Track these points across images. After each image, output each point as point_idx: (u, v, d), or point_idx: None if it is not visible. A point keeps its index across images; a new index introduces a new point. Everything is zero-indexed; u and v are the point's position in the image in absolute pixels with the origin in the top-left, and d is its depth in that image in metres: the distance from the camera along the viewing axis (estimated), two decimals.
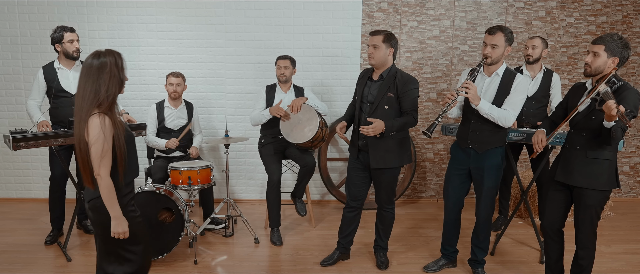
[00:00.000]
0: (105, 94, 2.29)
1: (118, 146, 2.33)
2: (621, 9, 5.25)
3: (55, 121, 4.08)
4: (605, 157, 2.81)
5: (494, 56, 3.16)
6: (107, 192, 2.31)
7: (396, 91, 3.31)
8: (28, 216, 4.91)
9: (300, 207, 4.50)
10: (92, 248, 4.09)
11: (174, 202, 3.68)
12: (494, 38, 3.13)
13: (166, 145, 4.31)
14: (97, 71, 2.29)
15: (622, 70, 5.32)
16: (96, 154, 2.27)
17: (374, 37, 3.31)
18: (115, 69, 2.34)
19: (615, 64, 2.77)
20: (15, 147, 3.47)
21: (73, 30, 4.03)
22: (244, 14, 5.14)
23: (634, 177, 5.57)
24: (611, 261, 3.87)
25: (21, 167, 5.36)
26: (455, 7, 5.21)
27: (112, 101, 2.34)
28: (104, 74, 2.30)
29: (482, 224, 3.45)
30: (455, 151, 3.46)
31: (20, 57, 5.15)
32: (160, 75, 5.11)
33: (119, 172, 2.37)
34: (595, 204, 2.86)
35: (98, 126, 2.26)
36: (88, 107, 2.28)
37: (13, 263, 3.77)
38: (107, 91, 2.30)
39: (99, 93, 2.28)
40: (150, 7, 5.09)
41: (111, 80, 2.32)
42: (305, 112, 4.16)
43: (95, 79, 2.29)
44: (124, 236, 2.39)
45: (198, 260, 3.83)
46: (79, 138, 2.30)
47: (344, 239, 3.79)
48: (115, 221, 2.35)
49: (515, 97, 3.15)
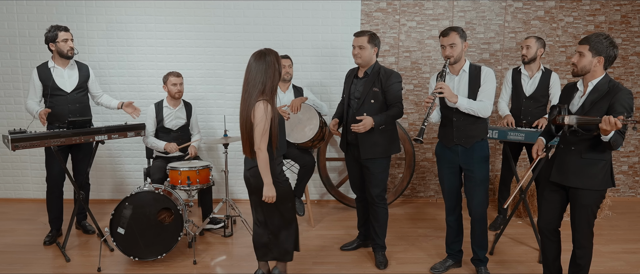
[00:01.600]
0: (270, 86, 2.86)
1: (273, 127, 2.87)
2: (620, 9, 5.25)
3: (52, 120, 4.05)
4: (601, 158, 2.82)
5: (455, 55, 3.29)
6: (264, 163, 2.85)
7: (381, 85, 3.54)
8: (26, 216, 4.90)
9: (299, 207, 4.52)
10: (91, 248, 4.09)
11: (173, 203, 3.67)
12: (450, 38, 3.28)
13: (165, 147, 4.31)
14: (265, 66, 2.85)
15: (621, 69, 5.33)
16: (259, 132, 2.82)
17: (359, 39, 3.54)
18: (278, 65, 2.90)
19: (601, 63, 2.78)
20: (14, 147, 3.47)
21: (67, 29, 4.02)
22: (243, 13, 5.13)
23: (633, 177, 5.58)
24: (610, 260, 3.87)
25: (20, 168, 5.35)
26: (454, 7, 5.22)
27: (273, 91, 2.89)
28: (269, 69, 2.85)
29: (477, 221, 3.47)
30: (442, 151, 3.50)
31: (19, 57, 5.14)
32: (159, 75, 5.10)
33: (273, 147, 2.91)
34: (591, 203, 2.87)
35: (263, 110, 2.81)
36: (256, 95, 2.83)
37: (12, 263, 3.77)
38: (272, 83, 2.86)
39: (265, 85, 2.84)
40: (149, 7, 5.08)
41: (274, 74, 2.87)
42: (305, 112, 4.17)
43: (263, 73, 2.84)
44: (272, 200, 2.92)
45: (197, 260, 3.83)
46: (244, 119, 2.88)
47: (362, 227, 4.07)
48: (267, 187, 2.89)
49: (486, 87, 3.29)
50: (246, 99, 2.88)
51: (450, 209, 3.57)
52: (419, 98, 5.36)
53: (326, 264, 3.79)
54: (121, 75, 5.18)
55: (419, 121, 5.40)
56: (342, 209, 5.23)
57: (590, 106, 2.82)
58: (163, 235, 3.66)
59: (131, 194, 3.60)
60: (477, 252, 3.55)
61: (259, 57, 2.87)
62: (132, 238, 3.60)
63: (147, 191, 3.64)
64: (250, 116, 2.85)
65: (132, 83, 5.19)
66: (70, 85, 4.08)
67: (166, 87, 4.37)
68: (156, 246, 3.65)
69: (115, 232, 3.58)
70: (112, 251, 3.99)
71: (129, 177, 5.38)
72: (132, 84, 5.20)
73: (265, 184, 2.89)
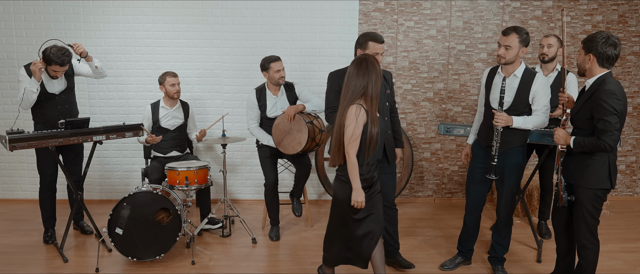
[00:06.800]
0: (372, 89, 2.77)
1: (368, 134, 2.76)
2: (617, 9, 5.26)
3: (41, 122, 4.00)
4: (593, 158, 2.84)
5: (507, 57, 3.19)
6: (353, 169, 2.77)
7: None
8: (23, 216, 4.89)
9: (297, 207, 4.49)
10: (88, 248, 4.08)
11: (171, 203, 3.66)
12: (508, 39, 3.17)
13: (146, 140, 4.23)
14: (365, 70, 2.78)
15: (618, 69, 5.34)
16: (347, 135, 2.75)
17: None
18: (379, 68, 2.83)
19: (593, 61, 2.80)
20: (11, 147, 3.45)
21: (64, 64, 3.77)
22: (241, 13, 5.12)
23: (630, 176, 5.59)
24: (608, 259, 3.88)
25: (16, 168, 5.33)
26: (452, 7, 5.22)
27: (375, 96, 2.79)
28: (371, 73, 2.78)
29: (503, 221, 3.48)
30: (477, 150, 3.50)
31: (16, 58, 5.12)
32: (156, 75, 5.09)
33: (366, 154, 2.80)
34: (585, 201, 2.89)
35: (353, 114, 2.74)
36: (352, 98, 2.77)
37: (10, 263, 3.76)
38: (374, 86, 2.77)
39: (367, 88, 2.77)
40: (146, 6, 5.07)
41: (377, 79, 2.79)
42: (296, 123, 4.08)
43: (363, 77, 2.77)
44: (361, 205, 2.82)
45: (195, 260, 3.82)
46: (339, 123, 2.81)
47: None
48: (356, 192, 2.80)
49: (543, 101, 3.22)
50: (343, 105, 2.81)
51: (471, 209, 3.57)
52: (417, 98, 5.36)
53: None
54: (119, 75, 5.16)
55: (418, 120, 5.40)
56: None
57: (580, 105, 2.88)
58: (161, 235, 3.65)
59: (129, 194, 3.59)
60: (497, 250, 3.56)
61: (360, 62, 2.81)
62: (130, 239, 3.59)
63: (145, 191, 3.63)
64: (344, 119, 2.78)
65: (129, 83, 5.18)
66: (59, 86, 4.02)
67: (163, 88, 4.35)
68: (154, 246, 3.64)
69: (113, 232, 3.57)
70: (110, 251, 3.98)
71: (127, 177, 5.36)
72: (129, 84, 5.18)
73: (354, 189, 2.80)
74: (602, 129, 2.70)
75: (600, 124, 2.70)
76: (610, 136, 2.68)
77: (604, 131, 2.69)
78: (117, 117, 5.21)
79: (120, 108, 5.23)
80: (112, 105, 5.22)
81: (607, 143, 2.68)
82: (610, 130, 2.67)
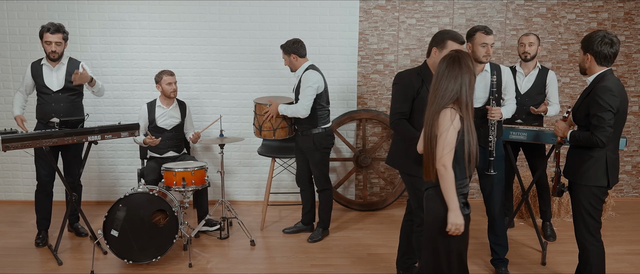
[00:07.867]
0: (466, 94, 2.39)
1: (465, 144, 2.37)
2: (623, 6, 5.18)
3: (40, 117, 4.06)
4: (590, 155, 2.85)
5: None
6: (449, 185, 2.34)
7: None
8: (16, 218, 4.82)
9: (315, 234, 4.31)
10: (83, 251, 4.02)
11: (167, 204, 3.61)
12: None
13: (144, 141, 4.20)
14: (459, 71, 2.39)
15: (624, 67, 5.26)
16: (441, 143, 2.34)
17: None
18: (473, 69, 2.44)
19: (591, 60, 2.84)
20: (5, 147, 3.43)
21: (57, 31, 3.91)
22: (239, 11, 5.05)
23: (637, 177, 5.51)
24: (614, 262, 3.81)
25: (10, 169, 5.25)
26: (454, 4, 5.14)
27: (471, 102, 2.41)
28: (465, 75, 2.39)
29: (496, 218, 3.48)
30: None
31: (9, 56, 5.05)
32: (153, 73, 5.00)
33: (463, 166, 2.41)
34: (582, 199, 2.89)
35: (448, 118, 2.34)
36: (443, 103, 2.37)
37: (3, 266, 3.71)
38: (468, 90, 2.39)
39: (461, 93, 2.38)
40: (143, 4, 4.99)
41: (471, 81, 2.41)
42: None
43: (456, 79, 2.38)
44: (459, 231, 2.38)
45: (192, 263, 3.76)
46: (429, 135, 2.41)
47: None
48: (453, 213, 2.35)
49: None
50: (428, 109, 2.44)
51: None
52: None
53: (325, 267, 3.74)
54: (115, 73, 5.09)
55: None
56: (340, 210, 5.15)
57: (581, 101, 2.90)
58: (157, 238, 3.59)
59: (125, 195, 3.54)
60: (498, 251, 3.54)
61: (452, 61, 2.41)
62: (126, 241, 3.53)
63: (141, 193, 3.58)
64: (435, 127, 2.39)
65: (126, 82, 5.11)
66: (57, 84, 4.03)
67: (160, 87, 4.29)
68: (151, 248, 3.58)
69: (108, 234, 3.52)
70: (105, 254, 3.92)
71: (123, 178, 5.29)
72: (126, 83, 5.11)
73: (450, 210, 2.36)
74: (595, 124, 2.74)
75: (594, 120, 2.75)
76: (602, 131, 2.71)
77: (596, 127, 2.73)
78: (113, 117, 5.13)
79: (115, 108, 5.16)
80: (107, 104, 5.14)
81: (599, 139, 2.72)
82: (603, 126, 2.71)
